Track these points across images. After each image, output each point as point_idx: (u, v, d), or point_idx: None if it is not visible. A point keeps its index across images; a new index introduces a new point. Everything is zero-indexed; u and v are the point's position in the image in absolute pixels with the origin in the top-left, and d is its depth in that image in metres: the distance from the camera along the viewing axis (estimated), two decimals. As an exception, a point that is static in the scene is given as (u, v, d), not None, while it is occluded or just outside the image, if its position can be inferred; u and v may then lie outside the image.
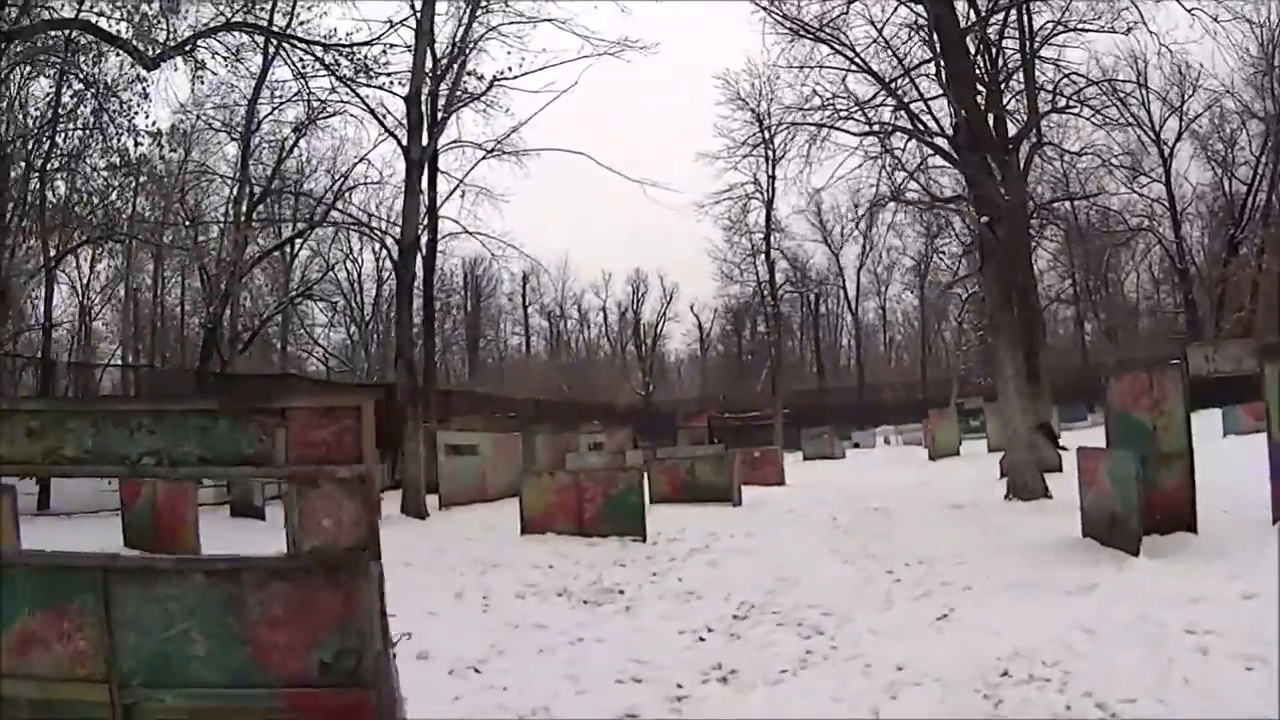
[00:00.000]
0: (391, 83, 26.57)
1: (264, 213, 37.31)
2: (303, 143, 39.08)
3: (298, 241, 45.96)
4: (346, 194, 39.75)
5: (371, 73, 26.10)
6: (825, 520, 18.85)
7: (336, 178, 40.03)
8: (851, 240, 73.67)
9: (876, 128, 24.82)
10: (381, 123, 28.68)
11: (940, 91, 23.50)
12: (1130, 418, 13.03)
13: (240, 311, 41.74)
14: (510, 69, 30.97)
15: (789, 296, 70.71)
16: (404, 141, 26.09)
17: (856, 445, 52.57)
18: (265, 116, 35.64)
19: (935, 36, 22.73)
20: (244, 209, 35.96)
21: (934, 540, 14.65)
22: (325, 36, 26.91)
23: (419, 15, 25.22)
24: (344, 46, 26.09)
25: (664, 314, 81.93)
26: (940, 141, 23.88)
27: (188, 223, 36.35)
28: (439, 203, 36.24)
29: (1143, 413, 12.86)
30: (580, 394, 66.90)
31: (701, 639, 9.69)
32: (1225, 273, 54.45)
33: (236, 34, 25.50)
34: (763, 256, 56.68)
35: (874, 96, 24.54)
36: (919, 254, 66.04)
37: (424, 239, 36.78)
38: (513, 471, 25.06)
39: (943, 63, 22.86)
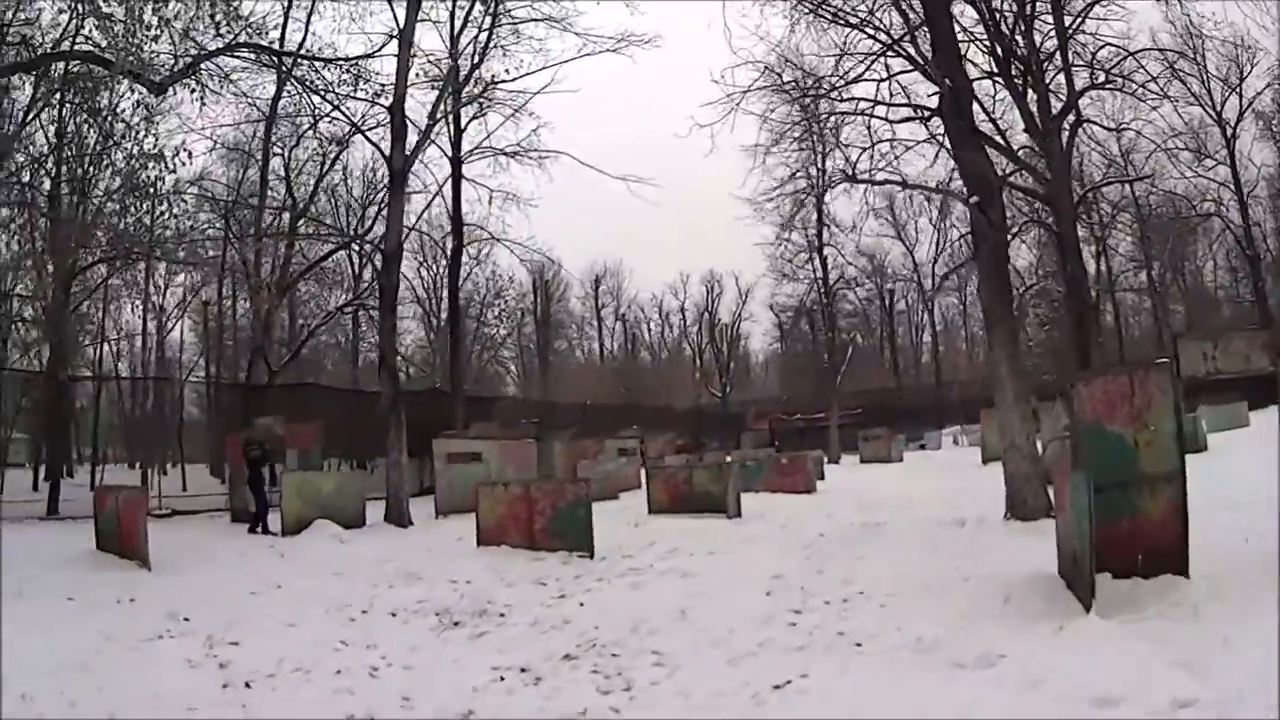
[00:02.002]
0: (380, 94, 25.99)
1: (306, 228, 36.04)
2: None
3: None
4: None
5: (361, 83, 25.98)
6: (809, 538, 16.89)
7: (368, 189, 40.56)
8: (930, 233, 70.06)
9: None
10: (364, 134, 28.39)
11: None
12: (1105, 432, 10.20)
13: (294, 323, 43.87)
14: (508, 70, 32.31)
15: (866, 292, 68.41)
16: (387, 152, 25.58)
17: (923, 446, 49.76)
18: (304, 132, 34.28)
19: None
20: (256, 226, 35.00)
21: (893, 569, 12.56)
22: (316, 51, 27.67)
23: (402, 25, 24.88)
24: (345, 61, 26.10)
25: (739, 314, 78.85)
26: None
27: (235, 239, 35.38)
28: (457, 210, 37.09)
29: (1121, 425, 10.09)
30: (649, 397, 64.56)
31: (501, 679, 8.84)
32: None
33: (242, 55, 25.45)
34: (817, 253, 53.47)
35: (869, 66, 21.85)
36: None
37: (448, 246, 36.82)
38: (525, 477, 23.73)
39: (926, 29, 20.22)
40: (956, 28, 24.13)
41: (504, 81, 31.73)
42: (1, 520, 19.86)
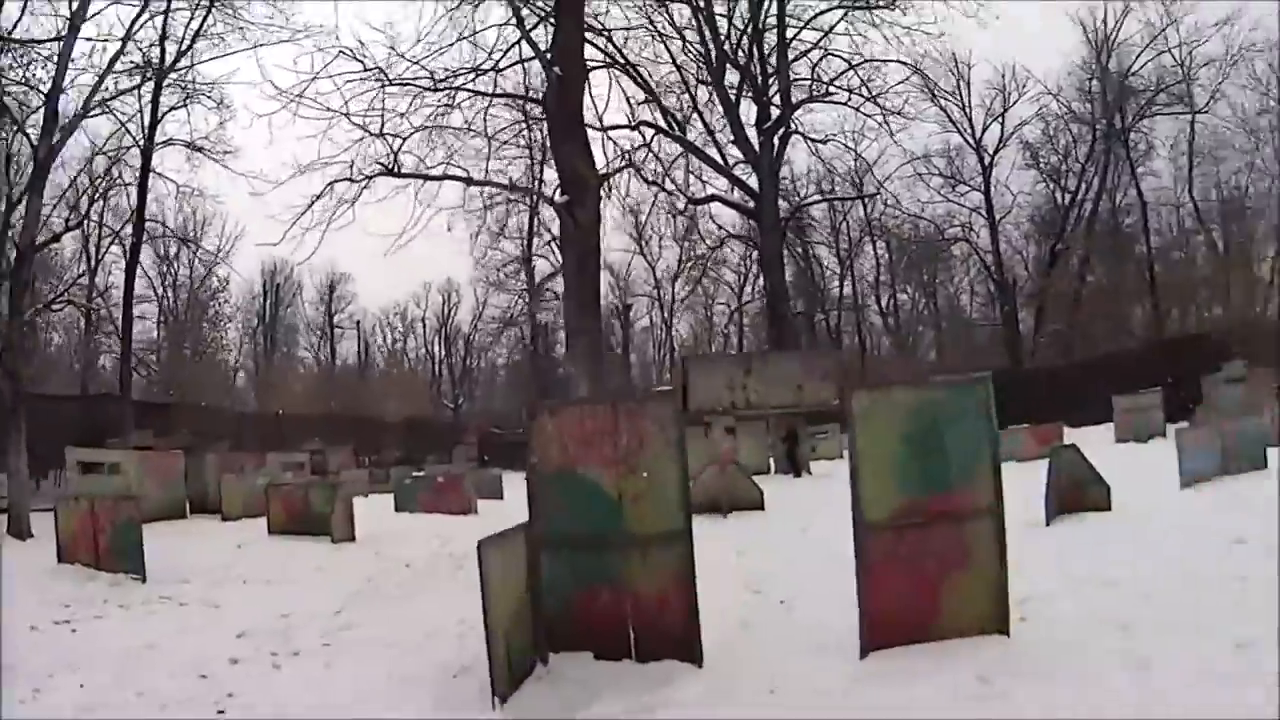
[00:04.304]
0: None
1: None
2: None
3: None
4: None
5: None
6: (384, 569, 15.67)
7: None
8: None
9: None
10: (16, 120, 26.92)
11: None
12: (577, 478, 8.39)
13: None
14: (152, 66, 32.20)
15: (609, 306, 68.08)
16: (35, 141, 24.23)
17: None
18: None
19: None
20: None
21: (422, 614, 11.20)
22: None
23: (72, 11, 23.73)
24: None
25: (475, 324, 77.03)
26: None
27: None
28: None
29: (599, 471, 8.33)
30: (375, 408, 62.71)
31: None
32: (1045, 283, 52.65)
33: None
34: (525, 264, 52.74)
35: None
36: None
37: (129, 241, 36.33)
38: (170, 491, 23.93)
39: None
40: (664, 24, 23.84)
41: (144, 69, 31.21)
42: None
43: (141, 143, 35.22)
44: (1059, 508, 14.15)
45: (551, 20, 18.65)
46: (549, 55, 17.60)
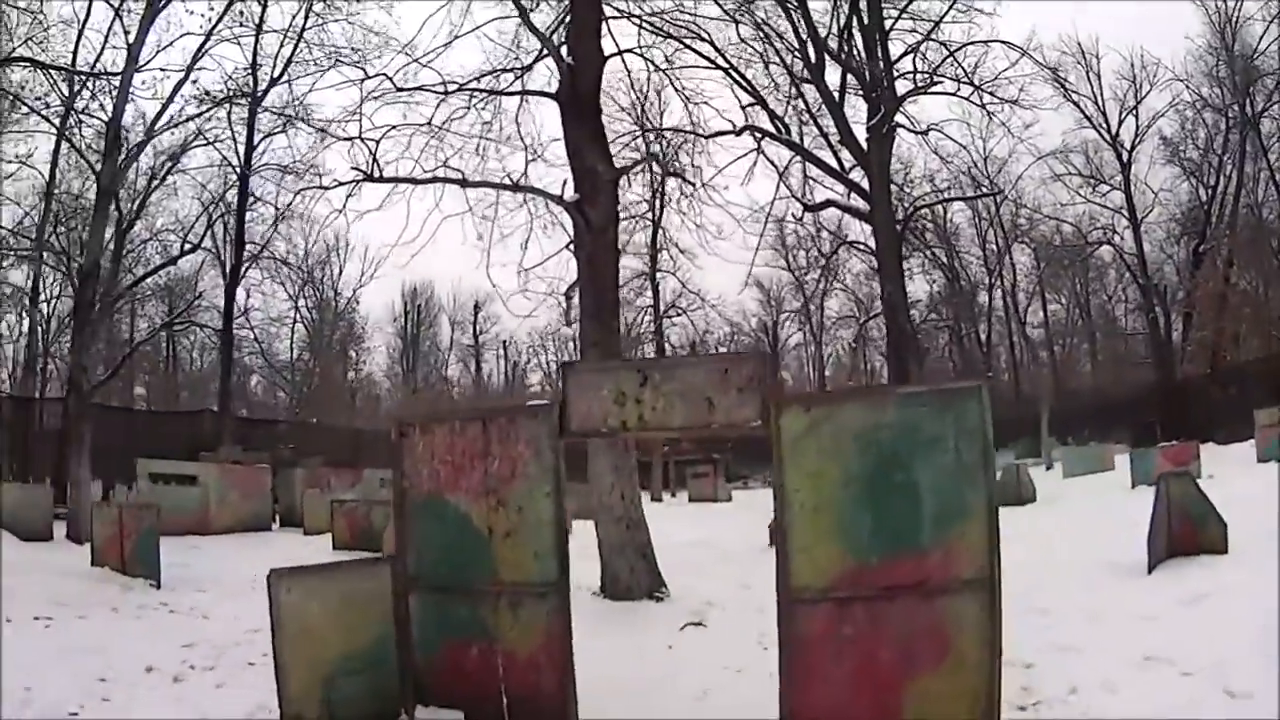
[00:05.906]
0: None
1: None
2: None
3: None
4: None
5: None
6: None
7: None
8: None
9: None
10: (75, 148, 28.84)
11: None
12: (446, 507, 7.13)
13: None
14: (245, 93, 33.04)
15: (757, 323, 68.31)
16: (98, 168, 25.28)
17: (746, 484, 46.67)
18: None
19: None
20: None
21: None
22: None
23: (130, 41, 24.66)
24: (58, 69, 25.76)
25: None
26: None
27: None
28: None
29: (470, 499, 7.04)
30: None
31: None
32: (1190, 286, 48.44)
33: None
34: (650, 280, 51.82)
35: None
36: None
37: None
38: (253, 504, 24.83)
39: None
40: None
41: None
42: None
43: (238, 169, 36.21)
44: (1167, 550, 11.92)
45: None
46: (562, 44, 16.33)
